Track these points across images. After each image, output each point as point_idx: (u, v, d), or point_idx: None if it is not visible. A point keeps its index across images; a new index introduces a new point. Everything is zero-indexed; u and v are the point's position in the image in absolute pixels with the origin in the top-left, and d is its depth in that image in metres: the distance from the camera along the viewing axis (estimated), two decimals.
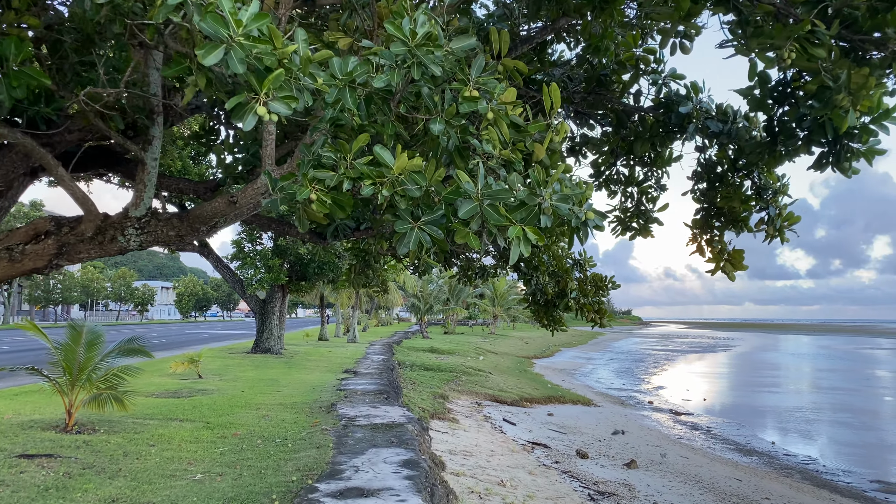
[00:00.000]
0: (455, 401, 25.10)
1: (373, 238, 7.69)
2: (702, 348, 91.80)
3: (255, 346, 25.82)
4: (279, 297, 25.96)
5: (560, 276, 8.42)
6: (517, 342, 74.06)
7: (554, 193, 3.01)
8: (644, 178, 6.53)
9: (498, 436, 18.81)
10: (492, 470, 13.69)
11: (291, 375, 18.58)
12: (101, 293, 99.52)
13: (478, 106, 3.16)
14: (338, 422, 10.45)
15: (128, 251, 5.58)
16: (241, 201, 4.84)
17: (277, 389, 15.13)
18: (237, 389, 14.95)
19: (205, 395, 13.86)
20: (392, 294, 49.79)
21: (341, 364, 23.33)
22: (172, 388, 14.98)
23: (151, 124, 5.53)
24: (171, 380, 16.63)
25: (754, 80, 4.70)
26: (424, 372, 30.09)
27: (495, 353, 54.58)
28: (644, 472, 16.17)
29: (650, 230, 6.47)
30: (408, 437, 9.19)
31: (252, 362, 22.11)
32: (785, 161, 4.90)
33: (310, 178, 3.16)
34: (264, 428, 10.12)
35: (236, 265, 24.31)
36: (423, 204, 3.27)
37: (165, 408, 11.79)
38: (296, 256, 25.51)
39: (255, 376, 18.01)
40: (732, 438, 23.48)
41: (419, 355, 39.00)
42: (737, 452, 20.91)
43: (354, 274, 9.78)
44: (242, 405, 12.45)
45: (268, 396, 13.84)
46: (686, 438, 22.82)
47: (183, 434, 9.41)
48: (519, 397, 27.98)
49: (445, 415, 20.18)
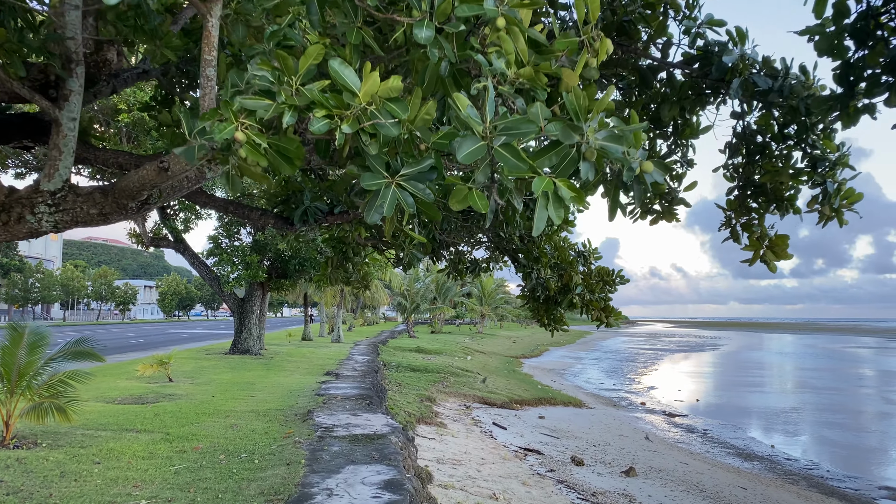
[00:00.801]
0: (442, 403, 24.07)
1: (349, 224, 6.65)
2: (690, 347, 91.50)
3: (234, 347, 24.64)
4: (259, 295, 24.80)
5: (563, 270, 7.42)
6: (505, 341, 73.15)
7: (600, 129, 2.01)
8: (668, 151, 5.53)
9: (488, 441, 17.81)
10: (483, 481, 12.68)
11: (268, 378, 17.47)
12: (80, 292, 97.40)
13: (483, 6, 2.16)
14: (313, 432, 9.39)
15: (40, 234, 4.50)
16: (173, 168, 3.78)
17: (251, 394, 14.03)
18: (207, 394, 13.84)
19: (171, 401, 12.74)
20: (378, 293, 48.67)
21: (323, 366, 22.22)
22: (137, 393, 13.84)
23: (68, 76, 4.44)
24: (137, 384, 15.47)
25: (824, 14, 3.73)
26: (411, 373, 29.04)
27: (483, 352, 53.62)
28: (644, 481, 15.24)
29: (675, 213, 5.47)
30: (391, 451, 8.15)
31: (228, 364, 20.95)
32: (859, 119, 3.94)
33: (235, 109, 2.13)
34: (230, 440, 9.04)
35: (213, 262, 23.12)
36: (404, 152, 2.25)
37: (124, 416, 10.67)
38: (276, 253, 24.37)
39: (230, 379, 16.89)
40: (730, 442, 22.65)
41: (405, 355, 37.93)
42: (737, 457, 20.05)
43: (332, 268, 8.73)
44: (210, 412, 11.35)
45: (240, 402, 12.73)
46: (683, 443, 21.95)
47: (136, 448, 8.31)
48: (509, 399, 27.01)
49: (432, 419, 19.16)
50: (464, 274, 8.89)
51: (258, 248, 22.93)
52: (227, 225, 23.65)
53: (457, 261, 8.92)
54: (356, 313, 67.26)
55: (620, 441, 20.70)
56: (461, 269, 8.93)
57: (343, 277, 8.94)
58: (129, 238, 24.61)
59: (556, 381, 39.56)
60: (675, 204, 5.48)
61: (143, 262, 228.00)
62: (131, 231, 24.47)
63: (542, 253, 7.25)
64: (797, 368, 56.98)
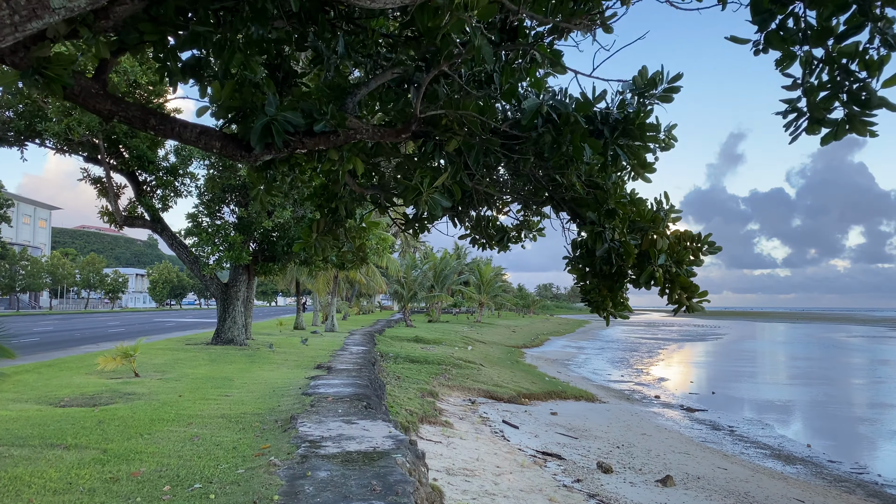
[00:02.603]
0: (446, 399, 21.96)
1: (340, 154, 4.46)
2: (691, 337, 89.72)
3: (216, 337, 22.43)
4: (244, 280, 22.56)
5: (644, 230, 5.24)
6: (504, 331, 71.12)
7: None
8: None
9: (501, 444, 15.71)
10: (503, 498, 10.56)
11: (251, 373, 15.30)
12: (68, 280, 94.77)
13: None
14: (294, 448, 7.22)
15: None
16: None
17: (226, 393, 11.85)
18: (174, 393, 11.66)
19: (127, 402, 10.56)
20: (374, 279, 46.46)
21: (314, 357, 20.06)
22: (91, 392, 11.65)
23: None
24: (95, 380, 13.29)
25: None
26: (410, 364, 26.92)
27: (483, 342, 51.56)
28: (684, 491, 13.15)
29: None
30: (397, 479, 6.00)
31: (208, 356, 18.76)
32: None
33: None
34: (185, 460, 6.87)
35: (192, 242, 20.87)
36: None
37: (58, 424, 8.47)
38: (263, 234, 22.13)
39: (206, 374, 14.71)
40: (762, 440, 20.63)
41: (403, 345, 35.82)
42: (775, 459, 18.01)
43: (318, 234, 6.53)
44: (170, 418, 9.17)
45: (210, 404, 10.56)
46: (712, 442, 19.90)
47: (50, 475, 6.14)
48: (516, 393, 24.94)
49: (437, 418, 17.05)
50: (492, 241, 6.71)
51: (242, 227, 20.68)
52: (208, 202, 21.39)
53: (485, 223, 6.74)
54: (351, 302, 65.06)
55: (645, 441, 18.64)
56: (490, 234, 6.76)
57: (333, 247, 6.75)
58: (101, 217, 22.33)
59: (563, 373, 37.54)
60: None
61: (137, 251, 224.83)
62: (103, 209, 22.19)
63: (620, 204, 5.07)
64: (806, 359, 55.12)
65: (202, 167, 20.66)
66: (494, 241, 7.08)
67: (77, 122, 19.29)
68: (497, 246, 6.91)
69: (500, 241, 7.11)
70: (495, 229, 7.00)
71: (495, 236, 7.04)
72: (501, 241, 7.09)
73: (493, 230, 7.02)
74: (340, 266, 22.81)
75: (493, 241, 7.06)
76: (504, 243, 7.18)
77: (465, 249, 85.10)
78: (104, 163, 21.16)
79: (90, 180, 21.80)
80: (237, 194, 21.04)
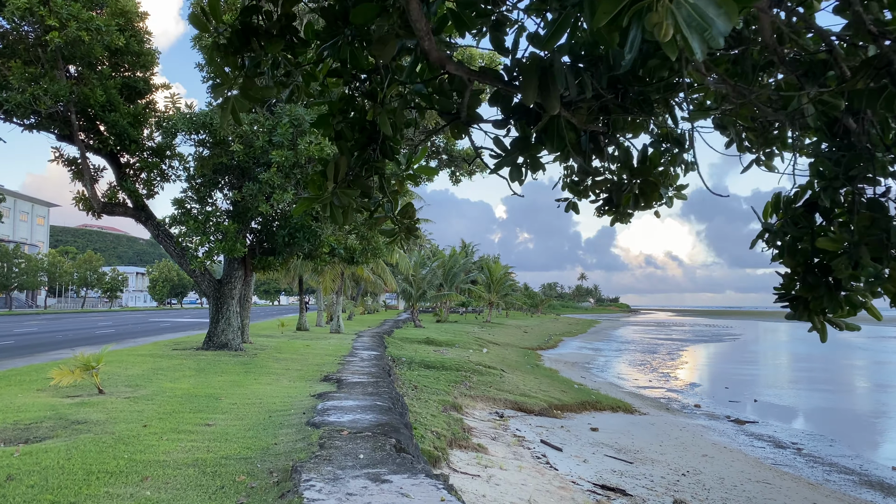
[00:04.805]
0: (470, 412, 19.12)
1: None
2: (706, 337, 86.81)
3: (208, 341, 19.61)
4: (240, 276, 19.75)
5: None
6: (516, 331, 68.22)
7: None
8: None
9: (549, 475, 12.86)
10: None
11: (243, 387, 12.49)
12: (64, 278, 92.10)
13: None
14: None
15: None
16: None
17: (208, 419, 9.04)
18: (140, 420, 8.86)
19: (70, 437, 7.76)
20: (384, 276, 43.64)
21: (320, 365, 17.26)
22: (29, 419, 8.86)
23: None
24: (46, 399, 10.49)
25: None
26: (426, 371, 24.11)
27: (496, 343, 48.71)
28: None
29: None
30: None
31: (196, 364, 15.96)
32: None
33: None
34: None
35: (179, 232, 18.07)
36: None
37: None
38: (262, 223, 19.30)
39: (188, 389, 11.91)
40: (838, 462, 17.76)
41: (416, 349, 32.99)
42: (867, 488, 15.15)
43: (338, 184, 3.70)
44: (118, 469, 6.37)
45: (183, 439, 7.75)
46: (785, 464, 17.04)
47: None
48: (547, 404, 22.10)
49: (468, 441, 14.21)
50: (655, 195, 3.89)
51: (237, 215, 17.86)
52: (197, 187, 18.58)
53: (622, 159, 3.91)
54: (356, 300, 62.28)
55: (710, 465, 15.81)
56: (619, 183, 3.96)
57: (360, 207, 3.97)
58: (77, 204, 19.55)
59: (587, 378, 34.68)
60: None
61: (139, 250, 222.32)
62: (79, 195, 19.41)
63: None
64: (835, 361, 52.20)
65: (189, 143, 17.84)
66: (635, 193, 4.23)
67: (43, 91, 16.50)
68: (633, 207, 4.08)
69: (637, 199, 4.26)
70: (632, 170, 4.12)
71: (628, 187, 4.19)
72: (637, 200, 4.27)
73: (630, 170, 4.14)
74: (350, 260, 20.00)
75: (633, 195, 4.21)
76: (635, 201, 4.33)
77: (473, 247, 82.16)
78: (78, 141, 18.36)
79: (63, 161, 19.01)
80: (231, 176, 18.21)
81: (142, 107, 19.74)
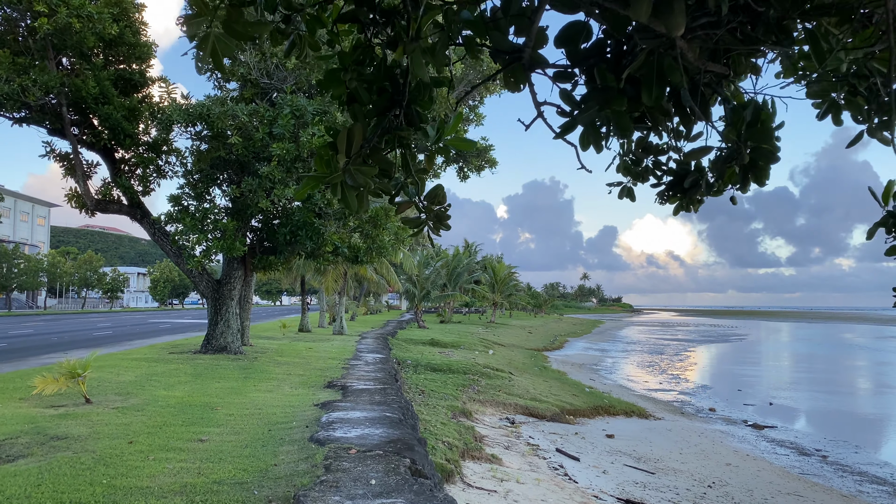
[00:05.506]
0: (480, 418, 18.28)
1: None
2: (712, 337, 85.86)
3: (206, 344, 18.79)
4: (239, 276, 18.93)
5: None
6: (520, 332, 67.33)
7: None
8: None
9: (569, 488, 12.02)
10: None
11: (242, 395, 11.66)
12: (64, 278, 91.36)
13: None
14: None
15: None
16: None
17: (201, 434, 8.21)
18: (126, 435, 8.03)
19: (45, 457, 6.94)
20: (389, 275, 42.80)
21: (323, 369, 16.43)
22: (8, 432, 8.05)
23: None
24: (27, 410, 9.68)
25: None
26: (432, 374, 23.27)
27: (502, 344, 47.85)
28: None
29: None
30: None
31: (193, 369, 15.14)
32: None
33: None
34: None
35: (175, 230, 17.24)
36: None
37: None
38: (264, 222, 18.47)
39: (182, 398, 11.08)
40: (867, 470, 16.90)
41: (421, 350, 32.16)
42: None
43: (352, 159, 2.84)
44: (93, 500, 5.55)
45: (172, 458, 6.92)
46: (812, 473, 16.18)
47: None
48: (559, 409, 21.24)
49: (481, 451, 13.36)
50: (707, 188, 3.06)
51: (236, 212, 17.04)
52: (194, 182, 17.76)
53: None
54: (359, 301, 61.43)
55: (735, 475, 14.96)
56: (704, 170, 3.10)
57: (379, 187, 3.11)
58: (69, 201, 18.73)
59: (596, 380, 33.82)
60: None
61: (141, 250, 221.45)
62: (71, 191, 18.60)
63: None
64: (843, 361, 51.32)
65: (186, 136, 17.01)
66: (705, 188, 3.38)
67: (32, 81, 15.69)
68: (742, 183, 3.22)
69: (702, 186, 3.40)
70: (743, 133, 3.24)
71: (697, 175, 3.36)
72: (746, 174, 3.38)
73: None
74: (354, 259, 19.16)
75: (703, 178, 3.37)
76: (703, 188, 3.47)
77: (476, 247, 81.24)
78: (70, 135, 17.56)
79: (55, 157, 18.19)
80: (230, 171, 17.38)
81: (137, 100, 18.92)
